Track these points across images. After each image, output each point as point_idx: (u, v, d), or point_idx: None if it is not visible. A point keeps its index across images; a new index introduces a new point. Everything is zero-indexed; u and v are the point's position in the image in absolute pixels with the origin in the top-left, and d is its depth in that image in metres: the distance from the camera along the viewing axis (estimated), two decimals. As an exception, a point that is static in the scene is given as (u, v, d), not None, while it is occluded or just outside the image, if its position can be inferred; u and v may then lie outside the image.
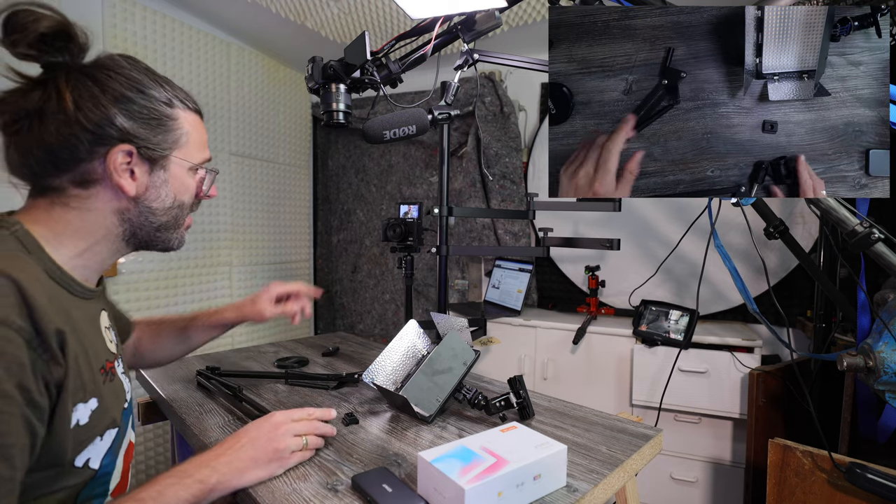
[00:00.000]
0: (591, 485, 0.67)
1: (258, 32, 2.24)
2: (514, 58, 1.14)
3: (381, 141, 1.04)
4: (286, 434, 0.70)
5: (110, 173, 0.59)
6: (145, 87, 0.61)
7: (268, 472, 0.67)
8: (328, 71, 1.07)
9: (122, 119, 0.58)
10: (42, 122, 0.56)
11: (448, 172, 1.58)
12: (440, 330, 1.03)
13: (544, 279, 2.42)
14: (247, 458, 0.66)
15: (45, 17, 0.54)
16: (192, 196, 0.70)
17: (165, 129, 0.63)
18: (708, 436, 1.74)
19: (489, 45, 2.28)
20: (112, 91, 0.58)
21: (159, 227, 0.66)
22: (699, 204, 1.32)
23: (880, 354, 0.98)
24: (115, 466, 0.65)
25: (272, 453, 0.67)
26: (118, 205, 0.62)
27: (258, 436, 0.68)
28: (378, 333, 2.83)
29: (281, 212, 2.66)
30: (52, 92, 0.56)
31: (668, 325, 1.75)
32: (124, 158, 0.60)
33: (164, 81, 0.65)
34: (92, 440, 0.59)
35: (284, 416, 0.72)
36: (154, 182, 0.63)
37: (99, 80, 0.58)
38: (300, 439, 0.71)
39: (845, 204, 0.97)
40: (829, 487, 1.09)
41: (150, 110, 0.61)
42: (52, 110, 0.55)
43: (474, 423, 0.88)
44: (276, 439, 0.68)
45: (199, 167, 0.69)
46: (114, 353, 0.68)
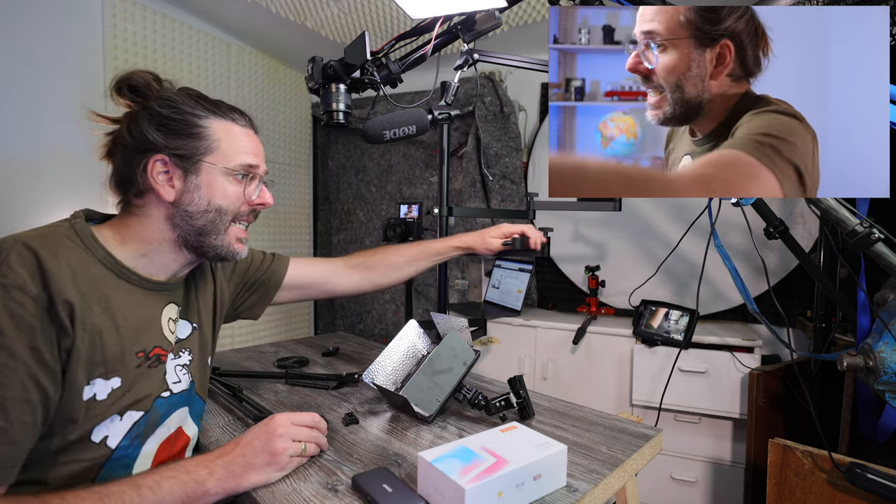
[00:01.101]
0: (591, 485, 0.67)
1: (258, 32, 2.24)
2: (514, 58, 1.14)
3: (381, 141, 1.04)
4: (284, 438, 0.69)
5: (151, 182, 0.68)
6: (178, 104, 0.70)
7: (265, 476, 0.66)
8: (328, 71, 1.07)
9: (155, 133, 0.68)
10: (118, 149, 0.70)
11: (448, 172, 1.58)
12: (440, 330, 1.03)
13: (544, 279, 2.42)
14: (244, 462, 0.66)
15: (134, 75, 0.70)
16: (233, 201, 0.73)
17: (194, 137, 0.69)
18: (708, 436, 1.74)
19: (489, 45, 2.28)
20: (150, 112, 0.69)
21: (200, 232, 0.71)
22: (699, 204, 1.32)
23: (880, 354, 0.98)
24: (139, 452, 0.68)
25: (269, 457, 0.67)
26: (165, 211, 0.70)
27: (256, 439, 0.68)
28: (378, 333, 2.83)
29: (281, 212, 2.66)
30: (122, 126, 0.70)
31: (669, 325, 1.75)
32: (162, 168, 0.68)
33: (202, 99, 0.73)
34: (107, 417, 0.63)
35: (285, 419, 0.72)
36: (188, 187, 0.70)
37: (147, 108, 0.69)
38: (299, 445, 0.70)
39: (845, 204, 0.97)
40: (829, 487, 1.09)
41: (180, 122, 0.69)
42: (121, 139, 0.69)
43: (474, 423, 0.88)
44: (273, 443, 0.68)
45: (236, 171, 0.72)
46: (170, 343, 0.73)
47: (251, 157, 0.74)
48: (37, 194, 1.59)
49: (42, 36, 1.58)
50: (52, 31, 1.61)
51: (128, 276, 0.68)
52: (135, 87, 0.70)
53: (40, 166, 1.59)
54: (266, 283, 0.98)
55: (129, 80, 0.69)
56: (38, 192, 1.59)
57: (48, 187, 1.61)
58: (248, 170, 0.74)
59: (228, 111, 0.74)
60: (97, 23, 1.74)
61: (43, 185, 1.60)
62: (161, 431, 0.71)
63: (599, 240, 2.27)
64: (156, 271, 0.72)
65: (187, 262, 0.75)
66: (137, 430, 0.66)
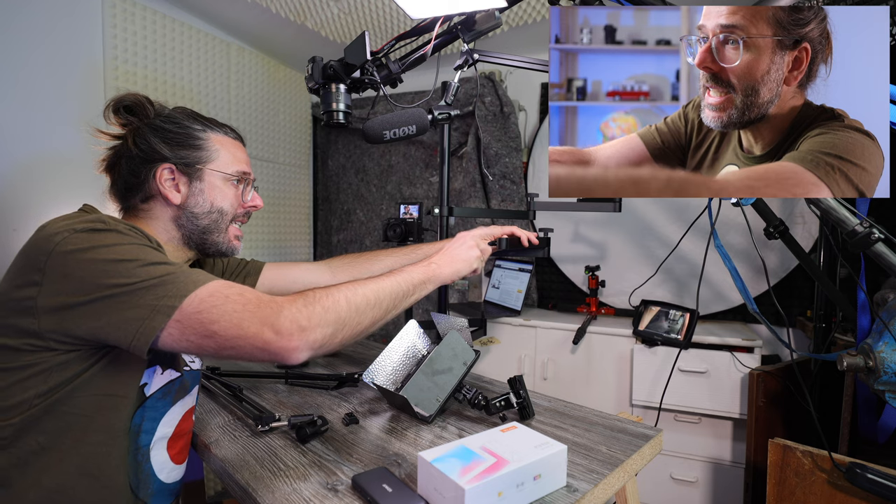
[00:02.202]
0: (591, 485, 0.67)
1: (258, 32, 2.24)
2: (514, 58, 1.14)
3: (381, 141, 1.04)
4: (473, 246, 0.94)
5: (159, 187, 0.77)
6: (179, 120, 0.80)
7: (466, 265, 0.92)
8: (328, 71, 1.07)
9: (162, 145, 0.77)
10: (122, 161, 0.78)
11: (448, 172, 1.58)
12: (440, 330, 1.03)
13: (544, 279, 2.42)
14: (451, 257, 0.90)
15: (128, 97, 0.78)
16: (232, 204, 0.83)
17: (196, 148, 0.80)
18: (708, 436, 1.74)
19: (489, 45, 2.28)
20: (154, 127, 0.78)
21: (204, 230, 0.81)
22: (699, 204, 1.32)
23: (880, 354, 0.98)
24: (167, 410, 0.76)
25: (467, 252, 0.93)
26: (171, 213, 0.79)
27: (454, 242, 0.94)
28: (378, 333, 2.82)
29: (281, 212, 2.66)
30: (126, 141, 0.78)
31: (669, 325, 1.75)
32: (169, 175, 0.78)
33: (198, 116, 0.83)
34: (153, 365, 0.72)
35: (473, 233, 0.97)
36: (193, 191, 0.79)
37: (150, 125, 0.78)
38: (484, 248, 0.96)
39: (845, 204, 0.97)
40: (829, 487, 1.09)
41: (183, 135, 0.79)
42: (126, 152, 0.77)
43: (474, 423, 0.88)
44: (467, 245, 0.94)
45: (233, 177, 0.83)
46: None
47: (245, 166, 0.85)
48: (36, 195, 1.59)
49: (42, 36, 1.58)
50: (51, 31, 1.61)
51: None
52: (130, 108, 0.78)
53: (40, 166, 1.59)
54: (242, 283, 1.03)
55: (125, 101, 0.78)
56: (37, 192, 1.59)
57: (47, 188, 1.61)
58: (244, 176, 0.85)
59: (220, 126, 0.85)
60: (97, 23, 1.74)
61: (42, 186, 1.60)
62: (188, 400, 0.80)
63: (599, 240, 2.27)
64: None
65: (188, 259, 0.84)
66: (171, 388, 0.76)
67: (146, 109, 0.79)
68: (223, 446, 0.80)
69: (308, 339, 0.61)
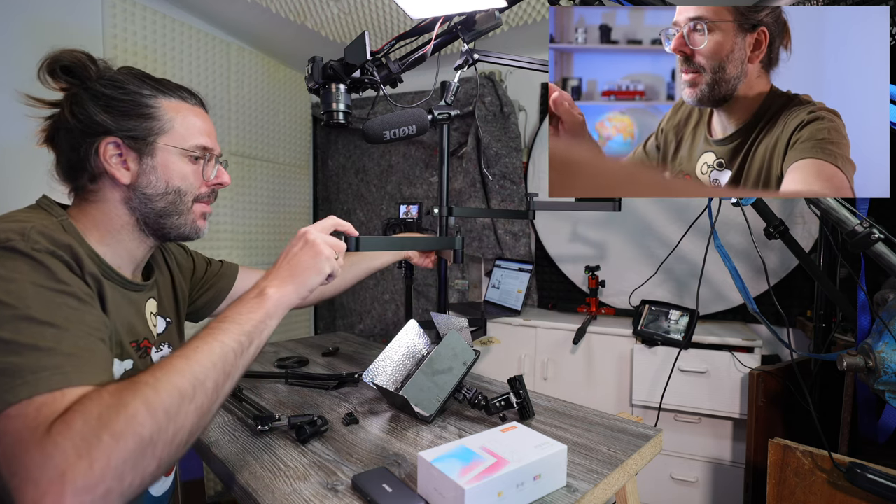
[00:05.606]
0: (591, 485, 0.67)
1: (258, 32, 2.24)
2: (514, 58, 1.14)
3: (381, 141, 1.04)
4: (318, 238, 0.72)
5: (105, 165, 0.66)
6: (123, 84, 0.67)
7: (315, 272, 0.70)
8: (328, 71, 1.07)
9: (104, 115, 0.65)
10: (61, 134, 0.67)
11: (448, 172, 1.57)
12: (440, 330, 1.03)
13: (544, 279, 2.42)
14: (291, 266, 0.69)
15: (65, 55, 0.65)
16: (192, 183, 0.72)
17: (146, 117, 0.68)
18: (708, 436, 1.74)
19: (489, 45, 2.28)
20: (94, 93, 0.66)
21: (160, 213, 0.71)
22: (699, 204, 1.32)
23: (880, 354, 0.98)
24: None
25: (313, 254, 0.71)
26: (121, 194, 0.68)
27: (292, 248, 0.72)
28: (378, 333, 2.82)
29: (281, 212, 2.66)
30: (63, 109, 0.67)
31: (668, 325, 1.75)
32: (115, 150, 0.67)
33: (148, 78, 0.70)
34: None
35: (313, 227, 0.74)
36: (144, 169, 0.68)
37: (89, 89, 0.66)
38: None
39: (845, 204, 0.97)
40: (829, 487, 1.09)
41: (129, 102, 0.67)
42: (64, 123, 0.66)
43: (474, 423, 0.88)
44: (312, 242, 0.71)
45: (192, 153, 0.71)
46: (154, 337, 0.77)
47: (205, 139, 0.73)
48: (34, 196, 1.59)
49: (42, 36, 1.58)
50: (51, 31, 1.61)
51: (109, 273, 0.68)
52: (69, 69, 0.66)
53: (39, 167, 1.59)
54: (216, 284, 1.01)
55: (62, 61, 0.65)
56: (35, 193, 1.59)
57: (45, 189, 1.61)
58: (204, 151, 0.73)
59: (176, 89, 0.72)
60: (97, 23, 1.74)
61: (41, 187, 1.60)
62: None
63: (599, 240, 2.27)
64: (121, 263, 0.71)
65: (149, 247, 0.75)
66: None
67: (88, 70, 0.66)
68: (223, 446, 0.80)
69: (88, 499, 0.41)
